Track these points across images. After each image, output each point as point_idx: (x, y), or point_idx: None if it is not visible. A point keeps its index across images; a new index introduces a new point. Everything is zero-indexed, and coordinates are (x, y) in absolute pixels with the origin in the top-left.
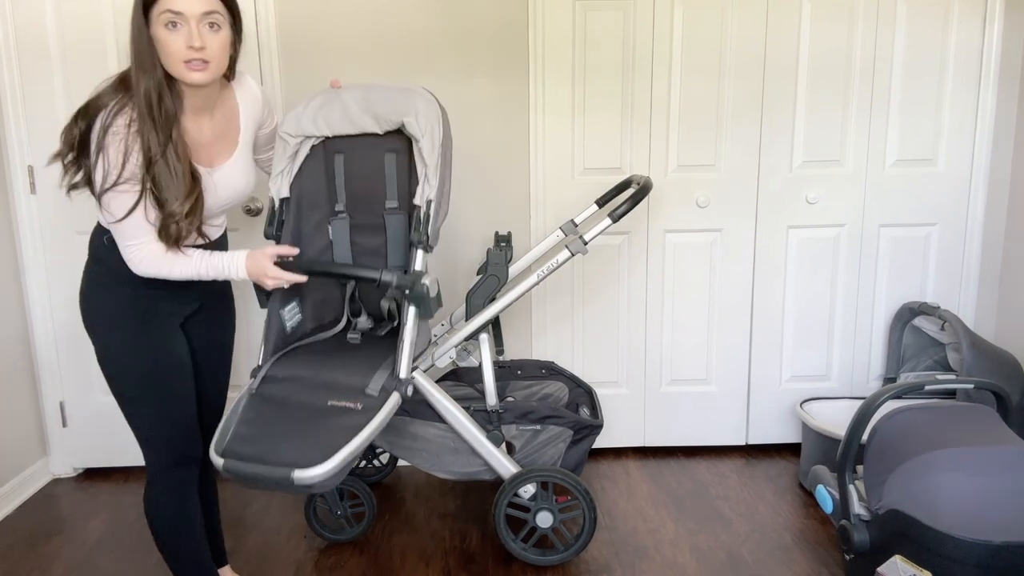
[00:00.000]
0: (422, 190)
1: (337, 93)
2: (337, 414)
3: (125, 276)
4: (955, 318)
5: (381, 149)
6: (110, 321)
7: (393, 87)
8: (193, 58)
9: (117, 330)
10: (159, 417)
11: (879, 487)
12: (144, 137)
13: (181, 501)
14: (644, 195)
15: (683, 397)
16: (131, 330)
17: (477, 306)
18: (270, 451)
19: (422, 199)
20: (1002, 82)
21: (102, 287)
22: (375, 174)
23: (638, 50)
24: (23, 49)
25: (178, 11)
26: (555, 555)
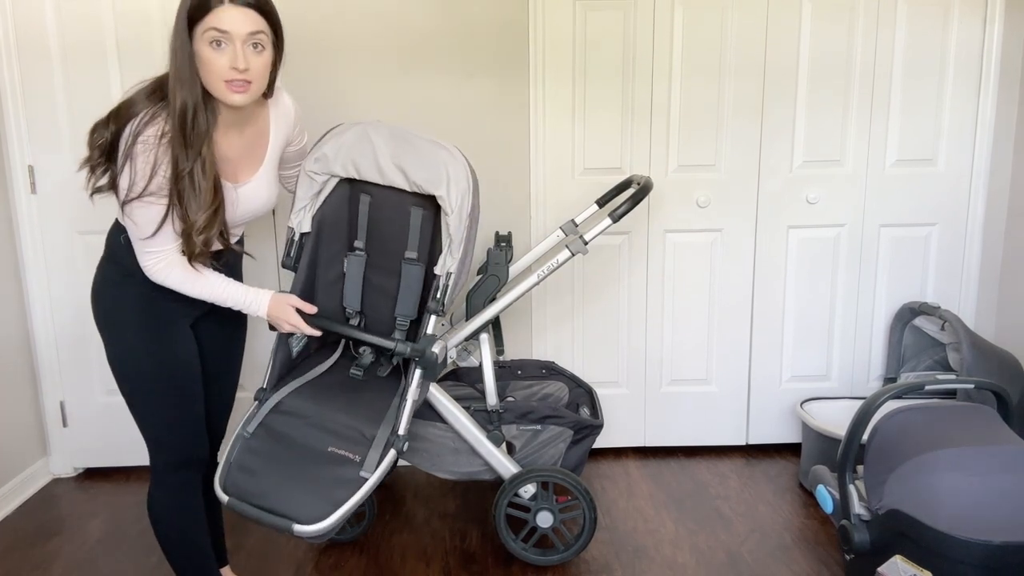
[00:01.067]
0: (444, 261)
1: (367, 132)
2: (337, 462)
3: (140, 275)
4: (955, 318)
5: (408, 202)
6: (123, 319)
7: (424, 142)
8: (236, 79)
9: (129, 328)
10: (167, 417)
11: (879, 487)
12: (174, 151)
13: (185, 502)
14: (644, 195)
15: (683, 397)
16: (143, 329)
17: (477, 306)
18: (273, 496)
19: (443, 269)
20: (1002, 82)
21: (116, 285)
22: (399, 223)
23: (638, 50)
24: (23, 49)
25: (224, 30)
26: (555, 555)
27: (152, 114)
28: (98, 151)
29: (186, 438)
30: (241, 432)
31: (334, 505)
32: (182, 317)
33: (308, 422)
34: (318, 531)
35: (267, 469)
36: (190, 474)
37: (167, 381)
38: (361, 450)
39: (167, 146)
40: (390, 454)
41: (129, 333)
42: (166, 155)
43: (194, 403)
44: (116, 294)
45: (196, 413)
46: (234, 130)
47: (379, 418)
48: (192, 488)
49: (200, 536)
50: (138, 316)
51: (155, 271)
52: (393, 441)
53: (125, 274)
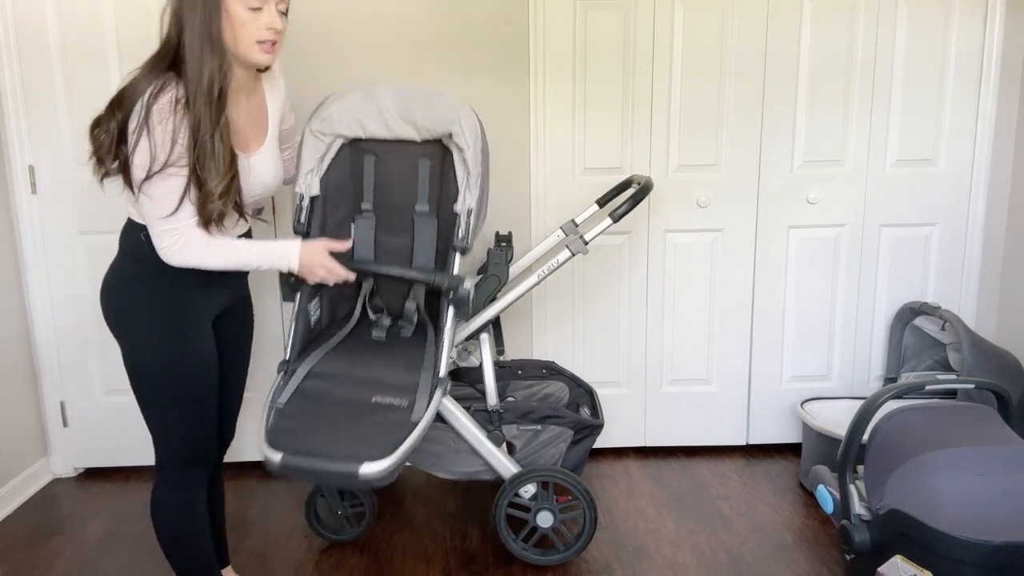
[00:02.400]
0: (463, 198)
1: (371, 92)
2: (383, 411)
3: (163, 270)
4: (956, 318)
5: (416, 155)
6: (145, 318)
7: (431, 93)
8: (269, 39)
9: (151, 327)
10: (181, 417)
11: (880, 487)
12: (197, 117)
13: (190, 502)
14: (645, 195)
15: (683, 397)
16: (167, 328)
17: (478, 306)
18: (328, 446)
19: (463, 207)
20: (1003, 82)
21: (137, 282)
22: (407, 178)
23: (638, 50)
24: (23, 49)
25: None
26: (555, 555)
27: (161, 84)
28: (107, 140)
29: (199, 437)
30: (273, 404)
31: (393, 446)
32: (205, 315)
33: (344, 380)
34: (382, 471)
35: (311, 427)
36: (195, 475)
37: (186, 380)
38: (406, 397)
39: (183, 112)
40: (437, 395)
41: (152, 332)
42: (183, 122)
43: (209, 402)
44: (138, 291)
45: (211, 411)
46: (242, 96)
47: (417, 366)
48: (199, 488)
49: (203, 536)
50: (162, 314)
51: (173, 251)
52: (436, 383)
53: (148, 270)
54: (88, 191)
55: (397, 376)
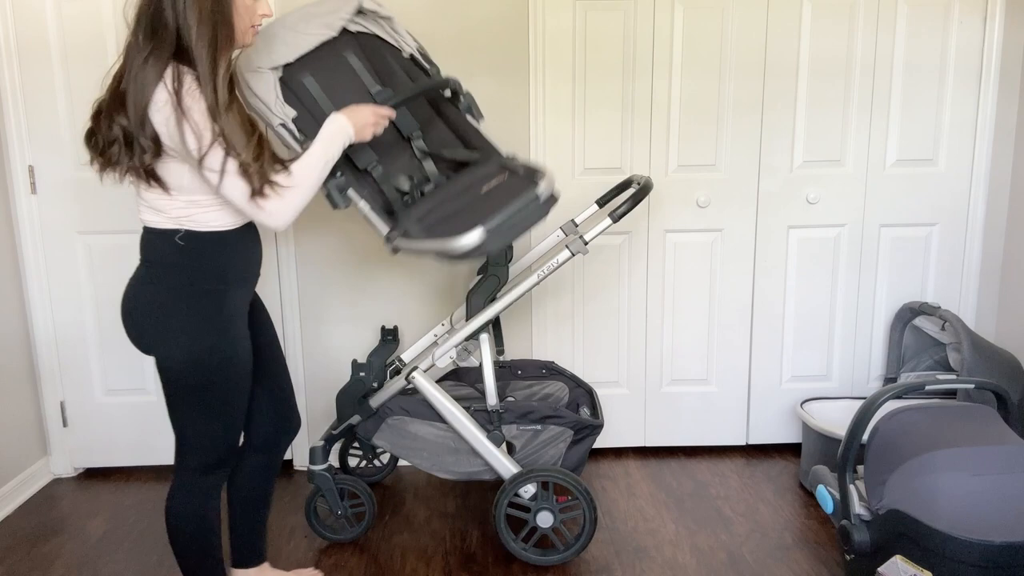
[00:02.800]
0: (402, 45)
1: (280, 22)
2: (503, 187)
3: (201, 273)
4: (955, 318)
5: (339, 51)
6: (185, 327)
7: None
8: (258, 24)
9: (193, 336)
10: (215, 425)
11: (880, 487)
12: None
13: (209, 505)
14: (644, 195)
15: (683, 397)
16: (209, 335)
17: (477, 306)
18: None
19: (409, 49)
20: (1002, 82)
21: (174, 290)
22: (347, 74)
23: (638, 50)
24: (23, 49)
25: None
26: (555, 555)
27: (175, 72)
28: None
29: (230, 443)
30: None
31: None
32: (242, 314)
33: (449, 198)
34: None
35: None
36: (216, 478)
37: (224, 387)
38: (504, 173)
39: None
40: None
41: (195, 341)
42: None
43: (242, 405)
44: (175, 299)
45: (241, 416)
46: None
47: (486, 159)
48: (217, 492)
49: (216, 539)
50: (204, 321)
51: (280, 207)
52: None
53: (186, 276)
54: (88, 191)
55: (482, 170)
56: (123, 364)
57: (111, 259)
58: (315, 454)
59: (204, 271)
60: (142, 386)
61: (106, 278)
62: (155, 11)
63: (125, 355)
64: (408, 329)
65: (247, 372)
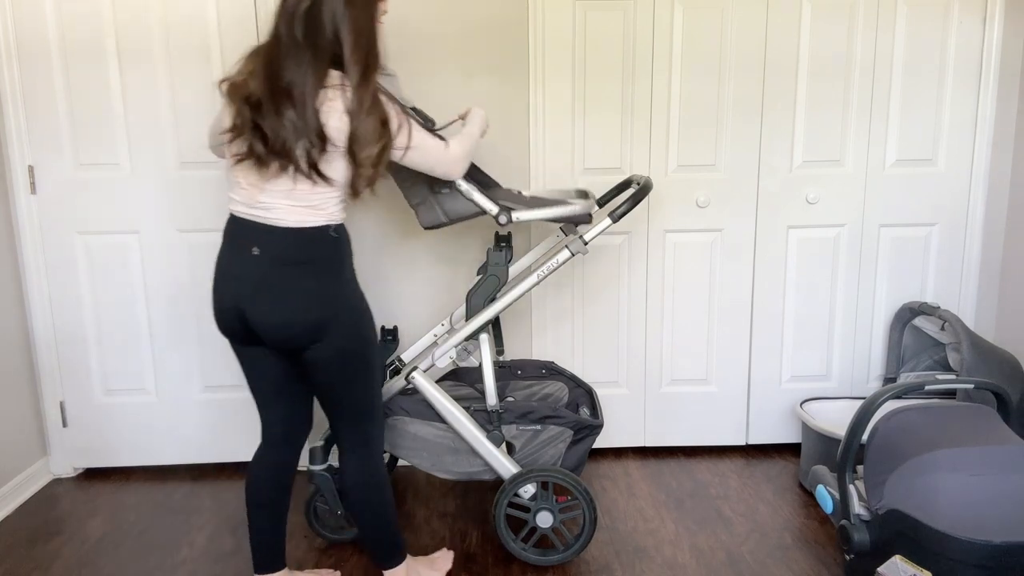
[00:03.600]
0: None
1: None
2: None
3: (351, 257)
4: (955, 318)
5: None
6: (359, 310)
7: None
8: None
9: (365, 316)
10: (379, 387)
11: (879, 487)
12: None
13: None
14: (644, 195)
15: (683, 397)
16: (369, 311)
17: (477, 306)
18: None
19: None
20: (1002, 82)
21: (344, 283)
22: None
23: (638, 50)
24: (23, 49)
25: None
26: (555, 555)
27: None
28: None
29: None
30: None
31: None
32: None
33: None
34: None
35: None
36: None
37: (377, 353)
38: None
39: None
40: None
41: (369, 317)
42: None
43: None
44: (353, 285)
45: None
46: None
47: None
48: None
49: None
50: (360, 297)
51: (458, 158)
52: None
53: (347, 261)
54: (88, 191)
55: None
56: (123, 364)
57: (111, 259)
58: (315, 454)
59: (348, 256)
60: (142, 386)
61: (106, 278)
62: (311, 14)
63: (125, 355)
64: (408, 329)
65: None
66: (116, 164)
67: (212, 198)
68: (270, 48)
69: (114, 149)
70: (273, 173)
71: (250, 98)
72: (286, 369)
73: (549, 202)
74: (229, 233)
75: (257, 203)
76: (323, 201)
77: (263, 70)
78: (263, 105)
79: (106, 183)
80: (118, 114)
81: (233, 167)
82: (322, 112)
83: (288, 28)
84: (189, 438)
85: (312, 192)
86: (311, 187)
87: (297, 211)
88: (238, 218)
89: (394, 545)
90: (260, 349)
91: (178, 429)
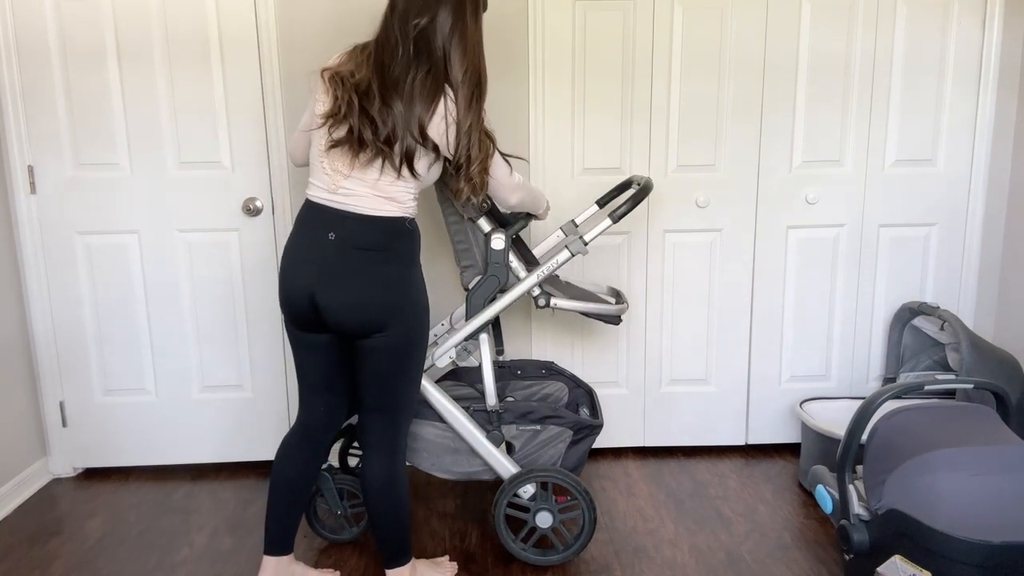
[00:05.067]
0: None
1: None
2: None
3: (419, 253)
4: (954, 318)
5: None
6: (422, 304)
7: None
8: None
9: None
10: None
11: (879, 487)
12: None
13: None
14: (645, 195)
15: (683, 397)
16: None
17: (477, 306)
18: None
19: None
20: (1001, 82)
21: (413, 275)
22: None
23: (638, 50)
24: (23, 49)
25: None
26: (555, 555)
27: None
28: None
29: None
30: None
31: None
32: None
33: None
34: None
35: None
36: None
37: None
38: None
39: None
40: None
41: (428, 313)
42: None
43: None
44: (422, 279)
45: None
46: None
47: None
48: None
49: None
50: (423, 291)
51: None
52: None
53: (416, 254)
54: (88, 191)
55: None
56: (123, 364)
57: (110, 259)
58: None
59: (418, 250)
60: (141, 386)
61: (105, 278)
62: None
63: (124, 355)
64: None
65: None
66: (116, 164)
67: (211, 198)
68: (379, 46)
69: (114, 149)
70: (365, 161)
71: (359, 86)
72: (340, 360)
73: (587, 294)
74: (304, 219)
75: (339, 189)
76: (401, 193)
77: (373, 63)
78: (371, 94)
79: (106, 183)
80: (118, 114)
81: (325, 151)
82: (429, 111)
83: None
84: (189, 438)
85: (393, 184)
86: (394, 179)
87: (377, 200)
88: (315, 204)
89: (404, 545)
90: (322, 337)
91: (178, 429)
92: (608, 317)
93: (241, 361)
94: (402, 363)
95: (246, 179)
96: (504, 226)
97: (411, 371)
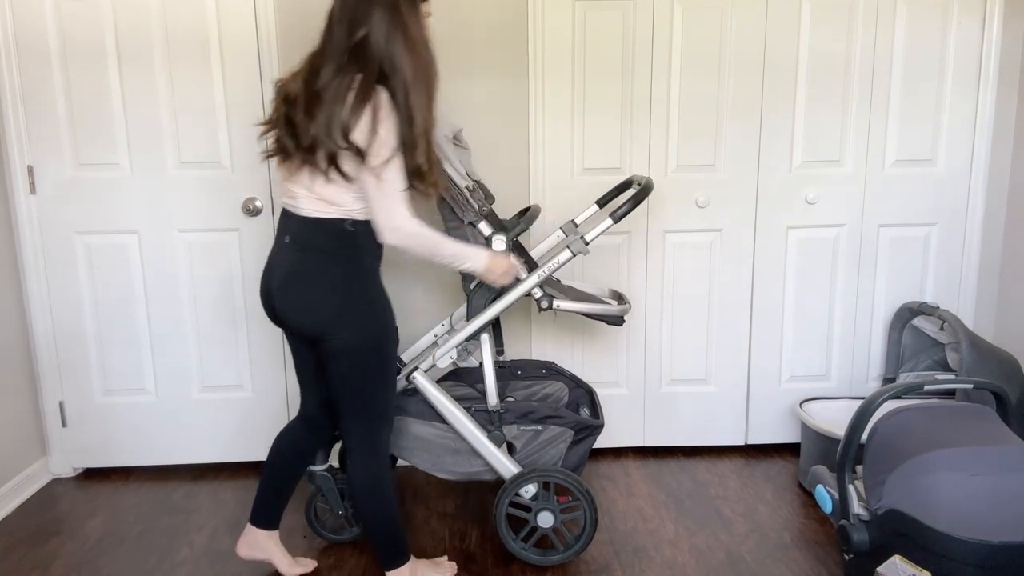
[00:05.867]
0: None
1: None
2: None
3: (372, 254)
4: (954, 318)
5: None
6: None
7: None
8: None
9: (381, 313)
10: (389, 386)
11: (878, 487)
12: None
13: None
14: (645, 195)
15: (683, 397)
16: (388, 311)
17: (478, 306)
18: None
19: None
20: (1001, 82)
21: (369, 273)
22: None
23: (638, 50)
24: (23, 49)
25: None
26: (555, 555)
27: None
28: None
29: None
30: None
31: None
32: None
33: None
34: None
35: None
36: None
37: (392, 351)
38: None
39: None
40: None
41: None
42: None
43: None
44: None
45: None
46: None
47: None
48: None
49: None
50: (382, 297)
51: (406, 222)
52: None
53: (361, 258)
54: (87, 191)
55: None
56: (122, 364)
57: (110, 259)
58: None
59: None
60: (141, 386)
61: (105, 278)
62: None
63: (124, 355)
64: (408, 329)
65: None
66: (116, 164)
67: (211, 198)
68: (313, 55)
69: (114, 149)
70: (296, 167)
71: (288, 96)
72: (318, 360)
73: (589, 297)
74: (278, 225)
75: (288, 192)
76: (337, 195)
77: (307, 72)
78: (297, 104)
79: (106, 183)
80: (118, 114)
81: (264, 160)
82: (355, 116)
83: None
84: (189, 438)
85: (325, 187)
86: (324, 182)
87: (316, 203)
88: (283, 208)
89: (399, 546)
90: (295, 337)
91: (178, 429)
92: (611, 318)
93: (241, 361)
94: (363, 365)
95: (246, 179)
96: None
97: (374, 373)
